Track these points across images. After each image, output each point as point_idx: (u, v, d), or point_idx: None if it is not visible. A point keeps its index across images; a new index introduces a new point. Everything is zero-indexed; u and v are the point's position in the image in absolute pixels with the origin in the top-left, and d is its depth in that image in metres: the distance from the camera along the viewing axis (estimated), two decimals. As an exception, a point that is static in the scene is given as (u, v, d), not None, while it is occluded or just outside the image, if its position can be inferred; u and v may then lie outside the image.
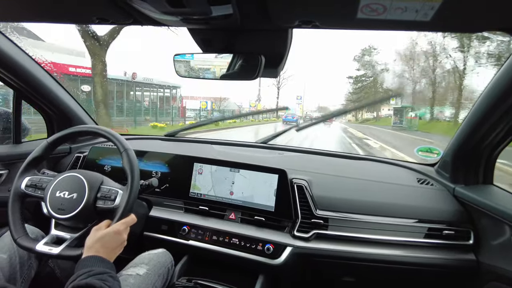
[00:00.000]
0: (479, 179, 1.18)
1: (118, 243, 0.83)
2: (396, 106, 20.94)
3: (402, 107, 20.04)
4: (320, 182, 1.30)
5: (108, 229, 0.83)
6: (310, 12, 0.62)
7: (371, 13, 0.56)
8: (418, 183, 1.33)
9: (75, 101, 1.58)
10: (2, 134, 1.45)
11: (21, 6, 0.74)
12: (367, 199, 1.24)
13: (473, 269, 1.09)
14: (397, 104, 21.18)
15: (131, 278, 0.92)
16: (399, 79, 23.32)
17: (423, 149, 1.54)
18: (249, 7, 0.63)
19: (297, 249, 1.15)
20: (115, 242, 0.82)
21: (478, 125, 1.05)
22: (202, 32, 0.79)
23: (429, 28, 0.65)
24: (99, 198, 0.94)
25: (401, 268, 1.13)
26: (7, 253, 0.95)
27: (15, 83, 1.30)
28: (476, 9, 0.56)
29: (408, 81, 22.30)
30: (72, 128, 1.06)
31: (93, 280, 0.67)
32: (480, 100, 1.00)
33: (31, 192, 0.97)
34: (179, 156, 1.40)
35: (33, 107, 1.47)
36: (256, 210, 1.25)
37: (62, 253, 0.87)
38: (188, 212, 1.33)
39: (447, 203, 1.20)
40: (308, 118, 30.40)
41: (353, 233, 1.17)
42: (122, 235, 0.85)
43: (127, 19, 0.73)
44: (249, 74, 0.81)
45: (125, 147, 0.97)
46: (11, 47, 1.21)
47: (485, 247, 1.09)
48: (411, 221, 1.16)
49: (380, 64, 29.73)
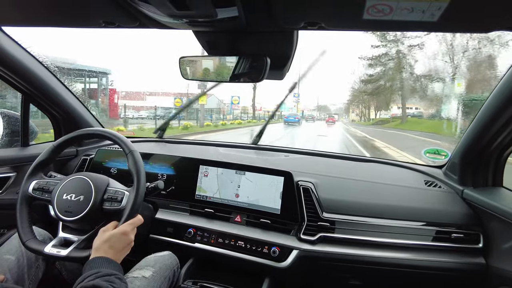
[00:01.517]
0: (488, 181, 1.16)
1: (125, 243, 0.84)
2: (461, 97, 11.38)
3: (472, 100, 8.97)
4: (326, 184, 1.29)
5: (115, 230, 0.83)
6: (315, 14, 0.62)
7: (377, 14, 0.56)
8: (426, 185, 1.31)
9: (82, 104, 1.59)
10: (11, 137, 1.47)
11: (28, 11, 0.75)
12: (374, 201, 1.22)
13: (482, 273, 1.07)
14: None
15: (137, 281, 0.92)
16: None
17: (431, 151, 1.52)
18: (254, 9, 0.62)
19: (303, 252, 1.14)
20: (123, 242, 0.83)
21: (487, 126, 1.03)
22: (207, 35, 0.80)
23: (436, 28, 0.65)
24: (105, 199, 0.94)
25: (409, 272, 1.11)
26: (15, 254, 0.96)
27: (23, 86, 1.31)
28: (485, 9, 0.55)
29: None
30: (78, 131, 1.07)
31: (100, 282, 0.67)
32: (489, 101, 0.99)
33: (38, 195, 0.98)
34: (185, 159, 1.41)
35: (41, 110, 1.49)
36: (262, 212, 1.25)
37: (70, 255, 0.88)
38: (194, 214, 1.33)
39: (455, 206, 1.18)
40: (310, 118, 30.06)
41: (360, 236, 1.15)
42: (129, 235, 0.85)
43: (133, 22, 0.74)
44: (255, 76, 0.81)
45: (130, 148, 0.98)
46: (19, 51, 1.22)
47: (495, 250, 1.07)
48: (419, 224, 1.15)
49: (410, 38, 17.43)
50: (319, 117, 35.98)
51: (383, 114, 24.24)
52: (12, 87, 1.31)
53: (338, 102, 46.99)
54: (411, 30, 0.67)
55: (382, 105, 23.28)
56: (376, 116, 25.82)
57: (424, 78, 16.95)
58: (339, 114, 38.83)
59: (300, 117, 23.64)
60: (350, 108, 34.25)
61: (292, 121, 21.00)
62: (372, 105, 26.15)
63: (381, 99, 22.23)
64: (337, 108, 46.82)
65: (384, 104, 22.42)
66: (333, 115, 32.91)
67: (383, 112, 24.40)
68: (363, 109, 28.99)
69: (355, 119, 31.02)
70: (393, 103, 21.32)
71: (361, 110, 29.69)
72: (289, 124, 20.47)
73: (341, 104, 42.09)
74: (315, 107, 43.10)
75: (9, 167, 1.36)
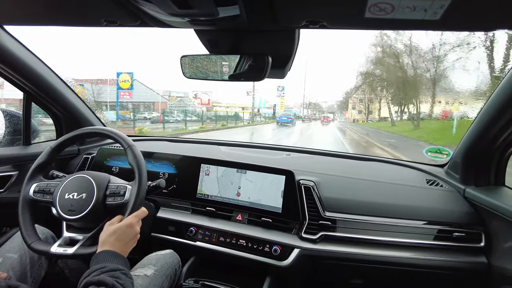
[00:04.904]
0: (490, 180, 1.16)
1: (131, 236, 0.84)
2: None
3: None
4: (328, 183, 1.29)
5: (121, 223, 0.84)
6: (317, 12, 0.61)
7: (379, 12, 0.55)
8: (427, 184, 1.31)
9: (83, 103, 1.60)
10: (13, 136, 1.47)
11: (30, 10, 0.75)
12: (375, 200, 1.22)
13: (484, 272, 1.07)
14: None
15: (139, 279, 0.92)
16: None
17: (433, 149, 1.51)
18: (256, 8, 0.62)
19: (305, 251, 1.14)
20: (129, 235, 0.83)
21: (489, 125, 1.03)
22: (209, 33, 0.79)
23: (439, 27, 0.64)
24: (108, 195, 0.95)
25: (410, 271, 1.11)
26: (18, 253, 0.97)
27: (25, 85, 1.32)
28: (487, 7, 0.55)
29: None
30: (75, 131, 1.07)
31: (106, 277, 0.67)
32: (491, 99, 0.98)
33: (39, 197, 0.98)
34: (186, 157, 1.41)
35: (42, 109, 1.50)
36: (263, 211, 1.25)
37: (77, 252, 0.88)
38: (195, 213, 1.33)
39: (457, 205, 1.18)
40: (307, 118, 29.58)
41: (361, 235, 1.16)
42: (135, 227, 0.85)
43: (135, 21, 0.74)
44: (256, 74, 0.81)
45: (128, 143, 0.98)
46: (21, 50, 1.22)
47: (497, 249, 1.07)
48: (420, 223, 1.15)
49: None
50: (308, 116, 33.17)
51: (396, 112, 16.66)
52: (14, 85, 1.32)
53: (329, 100, 45.18)
54: (413, 29, 0.67)
55: (411, 96, 14.20)
56: (400, 111, 16.14)
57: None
58: (334, 113, 37.10)
59: (294, 117, 22.47)
60: (349, 103, 25.95)
61: (285, 121, 20.34)
62: (387, 98, 17.31)
63: (409, 87, 14.19)
64: (328, 106, 44.95)
65: (414, 94, 13.78)
66: (327, 115, 31.21)
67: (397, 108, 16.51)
68: (368, 103, 20.73)
69: (358, 119, 23.71)
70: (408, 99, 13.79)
71: (366, 105, 21.63)
72: (282, 125, 19.95)
73: (334, 102, 39.94)
74: (304, 104, 39.38)
75: (11, 165, 1.36)
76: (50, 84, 1.38)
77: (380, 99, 19.33)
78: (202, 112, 17.78)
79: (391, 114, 17.48)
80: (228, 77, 0.86)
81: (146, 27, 0.78)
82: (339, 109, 36.17)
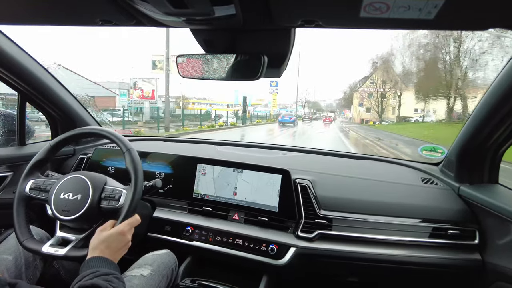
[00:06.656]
0: (484, 178, 1.17)
1: (122, 244, 0.84)
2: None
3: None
4: (324, 182, 1.29)
5: (112, 230, 0.83)
6: (313, 12, 0.62)
7: (374, 11, 0.56)
8: (423, 182, 1.32)
9: (79, 103, 1.59)
10: (7, 136, 1.46)
11: (23, 8, 0.74)
12: (371, 199, 1.23)
13: (478, 269, 1.08)
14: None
15: (135, 279, 0.92)
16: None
17: (427, 148, 1.52)
18: (252, 7, 0.62)
19: (301, 250, 1.15)
20: (120, 243, 0.83)
21: (483, 124, 1.04)
22: (205, 33, 0.79)
23: (433, 26, 0.65)
24: (103, 198, 0.94)
25: (406, 268, 1.12)
26: (13, 254, 0.96)
27: (20, 85, 1.30)
28: (481, 6, 0.55)
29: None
30: (75, 130, 1.07)
31: (99, 281, 0.67)
32: (485, 98, 1.00)
33: (35, 195, 0.98)
34: (182, 157, 1.41)
35: (37, 109, 1.48)
36: (260, 210, 1.25)
37: (68, 254, 0.88)
38: (192, 213, 1.33)
39: (452, 203, 1.19)
40: (307, 118, 29.62)
41: (357, 233, 1.16)
42: (126, 235, 0.85)
43: (130, 20, 0.73)
44: (252, 74, 0.81)
45: (127, 147, 0.98)
46: (15, 50, 1.21)
47: (491, 247, 1.08)
48: (416, 221, 1.16)
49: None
50: (309, 116, 32.10)
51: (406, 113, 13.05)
52: (8, 86, 1.30)
53: (328, 98, 44.61)
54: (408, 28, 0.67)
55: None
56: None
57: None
58: (334, 112, 36.82)
59: (295, 118, 22.80)
60: (355, 98, 21.15)
61: (287, 121, 20.79)
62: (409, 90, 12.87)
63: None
64: (327, 104, 44.82)
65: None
66: (329, 114, 31.37)
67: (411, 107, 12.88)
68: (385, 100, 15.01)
69: (368, 118, 18.71)
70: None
71: (377, 101, 16.42)
72: (284, 125, 20.24)
73: (332, 101, 39.21)
74: (301, 102, 37.98)
75: (6, 166, 1.35)
76: (44, 83, 1.36)
77: (400, 94, 14.57)
78: (140, 109, 14.04)
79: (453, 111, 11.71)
80: (224, 77, 0.86)
81: (142, 27, 0.78)
82: (339, 108, 35.65)
